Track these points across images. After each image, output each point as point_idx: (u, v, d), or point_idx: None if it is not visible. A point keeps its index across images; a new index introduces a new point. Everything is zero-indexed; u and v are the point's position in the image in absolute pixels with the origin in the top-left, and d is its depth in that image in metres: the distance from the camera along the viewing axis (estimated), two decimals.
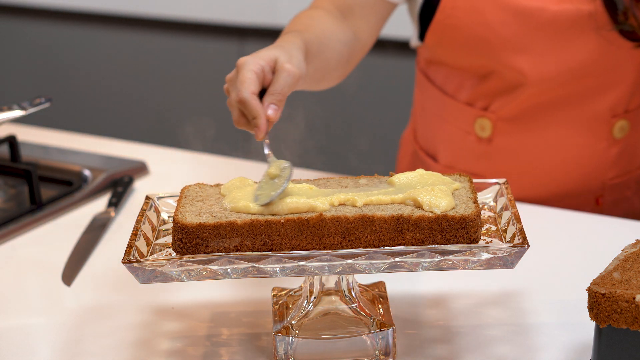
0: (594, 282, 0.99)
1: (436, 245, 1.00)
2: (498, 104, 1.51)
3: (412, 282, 1.26)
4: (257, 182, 1.11)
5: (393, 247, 1.00)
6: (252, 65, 1.14)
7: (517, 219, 1.05)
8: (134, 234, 1.06)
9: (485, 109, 1.52)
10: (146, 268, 1.01)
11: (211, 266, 1.01)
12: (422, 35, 1.54)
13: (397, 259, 1.00)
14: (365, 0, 1.47)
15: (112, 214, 1.48)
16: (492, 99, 1.51)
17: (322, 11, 1.44)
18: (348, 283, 1.10)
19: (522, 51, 1.44)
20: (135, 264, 1.01)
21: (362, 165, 2.61)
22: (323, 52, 1.33)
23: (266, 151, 1.13)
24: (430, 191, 1.05)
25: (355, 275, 1.11)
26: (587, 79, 1.46)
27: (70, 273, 1.32)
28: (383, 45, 2.48)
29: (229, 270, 1.01)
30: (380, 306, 1.13)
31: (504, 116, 1.51)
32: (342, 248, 1.02)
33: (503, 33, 1.44)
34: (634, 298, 0.95)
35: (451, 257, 1.00)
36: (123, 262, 1.01)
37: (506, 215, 1.08)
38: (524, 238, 1.01)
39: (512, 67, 1.45)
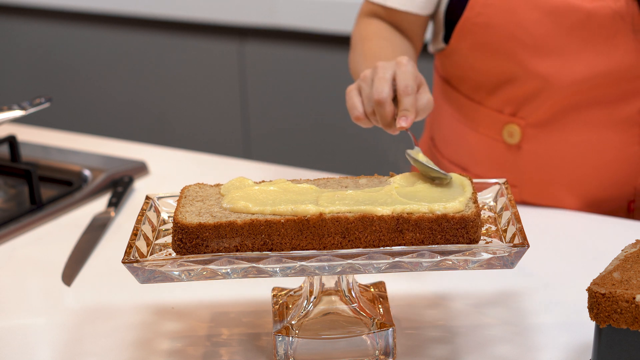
0: (594, 282, 0.99)
1: (436, 245, 1.00)
2: (527, 110, 1.46)
3: (412, 282, 1.26)
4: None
5: (393, 247, 1.00)
6: (412, 71, 1.23)
7: (517, 219, 1.05)
8: (134, 234, 1.06)
9: (513, 114, 1.48)
10: (146, 268, 1.01)
11: (211, 266, 1.01)
12: (446, 37, 1.51)
13: (397, 259, 1.00)
14: (408, 18, 1.51)
15: (112, 214, 1.48)
16: (520, 104, 1.47)
17: (393, 30, 1.51)
18: (348, 283, 1.10)
19: (552, 52, 1.41)
20: (135, 264, 1.01)
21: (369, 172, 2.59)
22: None
23: (417, 150, 1.17)
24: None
25: (355, 275, 1.11)
26: (620, 83, 1.42)
27: (70, 273, 1.32)
28: None
29: (229, 270, 1.01)
30: (380, 306, 1.13)
31: (534, 121, 1.47)
32: (342, 248, 1.02)
33: (535, 32, 1.40)
34: (634, 298, 0.95)
35: (451, 257, 1.00)
36: (123, 262, 1.01)
37: (506, 215, 1.08)
38: (524, 238, 1.01)
39: (539, 69, 1.42)
